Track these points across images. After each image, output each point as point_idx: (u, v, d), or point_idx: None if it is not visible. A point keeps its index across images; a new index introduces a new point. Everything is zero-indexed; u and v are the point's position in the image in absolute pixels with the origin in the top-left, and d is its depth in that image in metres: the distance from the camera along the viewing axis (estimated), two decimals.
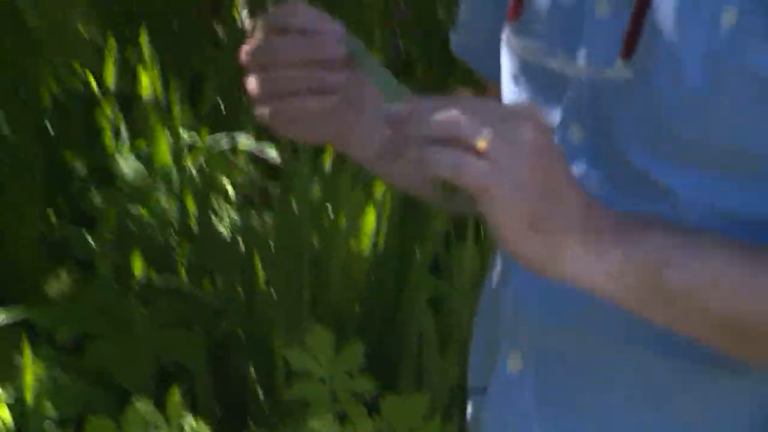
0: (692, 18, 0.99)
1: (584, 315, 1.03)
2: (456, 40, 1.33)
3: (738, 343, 1.02)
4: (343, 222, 2.93)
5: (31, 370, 2.52)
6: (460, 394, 2.85)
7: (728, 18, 0.98)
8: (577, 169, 1.07)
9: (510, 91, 1.19)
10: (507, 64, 1.19)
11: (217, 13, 3.88)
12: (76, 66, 3.04)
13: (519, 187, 0.84)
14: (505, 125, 0.85)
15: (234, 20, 3.39)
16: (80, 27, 2.93)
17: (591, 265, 0.92)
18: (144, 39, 3.22)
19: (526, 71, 1.18)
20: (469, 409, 1.29)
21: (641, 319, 0.97)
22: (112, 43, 3.30)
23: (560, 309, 1.03)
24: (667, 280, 0.96)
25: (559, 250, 0.89)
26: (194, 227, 3.02)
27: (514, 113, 0.89)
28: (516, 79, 1.20)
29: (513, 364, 1.14)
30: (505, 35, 1.16)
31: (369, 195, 2.98)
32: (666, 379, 1.05)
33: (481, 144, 0.81)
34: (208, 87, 3.57)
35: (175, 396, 2.47)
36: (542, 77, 1.15)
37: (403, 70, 3.55)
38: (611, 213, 0.96)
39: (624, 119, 1.07)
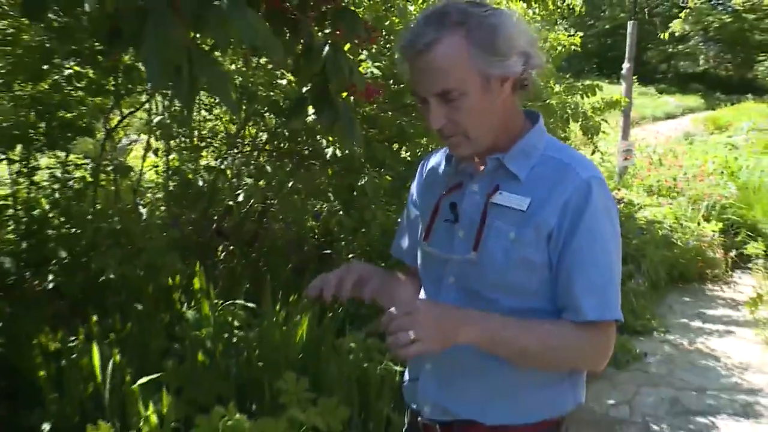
0: (497, 235, 1.51)
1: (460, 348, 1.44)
2: (393, 250, 1.86)
3: (535, 361, 1.52)
4: (285, 331, 3.45)
5: None
6: None
7: (511, 235, 1.50)
8: (451, 293, 1.58)
9: (422, 267, 1.71)
10: (420, 257, 1.71)
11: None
12: None
13: (427, 339, 1.33)
14: (414, 307, 1.35)
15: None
16: None
17: (468, 336, 1.42)
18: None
19: (429, 258, 1.66)
20: (405, 390, 1.79)
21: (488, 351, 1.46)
22: None
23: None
24: (502, 337, 1.45)
25: (454, 339, 1.40)
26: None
27: (412, 300, 1.50)
28: (423, 262, 1.70)
29: (427, 366, 1.65)
30: (420, 245, 1.68)
31: (298, 321, 3.49)
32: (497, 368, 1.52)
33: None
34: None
35: None
36: (436, 260, 1.62)
37: None
38: (473, 313, 1.47)
39: (471, 275, 1.55)
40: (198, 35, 1.96)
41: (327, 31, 2.66)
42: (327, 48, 2.56)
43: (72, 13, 3.10)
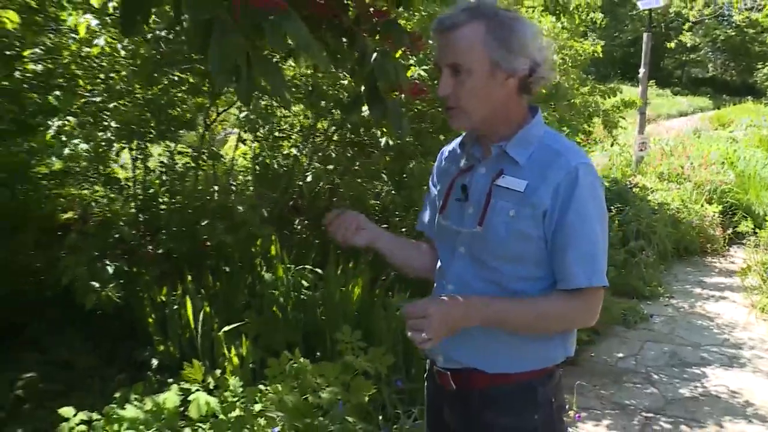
0: (499, 212, 1.45)
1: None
2: (418, 224, 1.76)
3: (535, 330, 1.48)
4: (344, 292, 3.41)
5: None
6: None
7: (511, 213, 1.44)
8: (462, 261, 1.53)
9: (438, 238, 1.64)
10: (436, 229, 1.63)
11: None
12: None
13: (437, 337, 1.33)
14: (427, 312, 1.33)
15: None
16: None
17: (473, 324, 1.41)
18: None
19: (444, 230, 1.59)
20: None
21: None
22: None
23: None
24: (502, 319, 1.44)
25: (459, 329, 1.38)
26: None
27: (426, 304, 1.36)
28: (439, 233, 1.62)
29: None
30: (437, 219, 1.62)
31: (355, 283, 3.44)
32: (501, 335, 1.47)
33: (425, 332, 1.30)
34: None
35: None
36: (449, 231, 1.56)
37: None
38: (476, 299, 1.43)
39: (478, 246, 1.49)
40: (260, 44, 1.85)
41: (377, 39, 2.53)
42: (375, 54, 2.43)
43: (174, 28, 3.06)
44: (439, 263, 1.63)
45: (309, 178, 3.72)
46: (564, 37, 5.58)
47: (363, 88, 2.72)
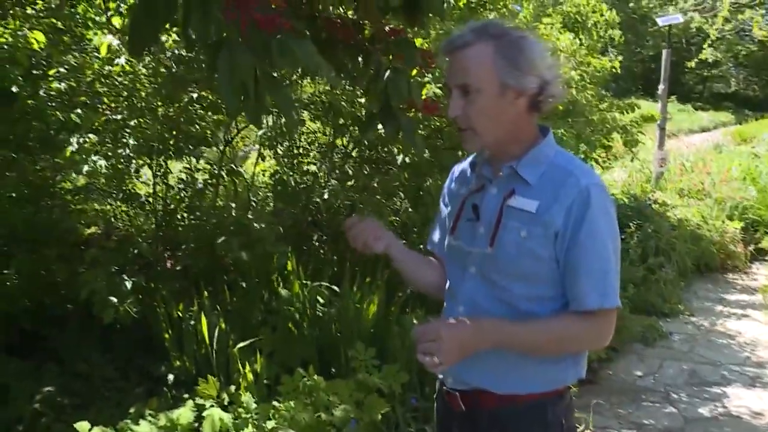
0: (511, 232, 1.42)
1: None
2: (428, 244, 1.71)
3: (545, 352, 1.45)
4: (359, 308, 3.34)
5: None
6: None
7: (523, 233, 1.41)
8: (473, 281, 1.49)
9: (448, 257, 1.60)
10: (447, 249, 1.60)
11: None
12: None
13: (448, 361, 1.31)
14: (438, 335, 1.30)
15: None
16: None
17: (484, 347, 1.38)
18: None
19: (454, 250, 1.56)
20: None
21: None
22: None
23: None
24: (513, 342, 1.41)
25: (471, 353, 1.36)
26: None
27: (437, 327, 1.34)
28: (450, 253, 1.59)
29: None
30: (448, 239, 1.58)
31: (370, 300, 3.34)
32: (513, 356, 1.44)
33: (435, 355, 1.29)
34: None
35: None
36: (460, 252, 1.53)
37: None
38: (486, 322, 1.40)
39: (489, 266, 1.46)
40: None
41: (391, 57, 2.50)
42: (388, 72, 2.40)
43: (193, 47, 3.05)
44: (448, 283, 1.60)
45: (326, 195, 3.67)
46: (582, 53, 5.51)
47: (377, 105, 2.70)
